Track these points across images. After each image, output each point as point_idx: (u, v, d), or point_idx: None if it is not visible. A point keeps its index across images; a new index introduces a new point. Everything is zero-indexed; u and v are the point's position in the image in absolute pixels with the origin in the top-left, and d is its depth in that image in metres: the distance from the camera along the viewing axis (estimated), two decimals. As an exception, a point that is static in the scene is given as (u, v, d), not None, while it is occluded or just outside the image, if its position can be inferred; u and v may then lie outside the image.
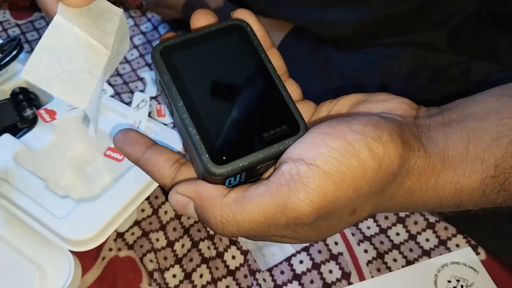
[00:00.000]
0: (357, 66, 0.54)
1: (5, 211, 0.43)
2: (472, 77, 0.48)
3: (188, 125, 0.29)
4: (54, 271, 0.42)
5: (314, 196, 0.26)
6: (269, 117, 0.30)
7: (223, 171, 0.28)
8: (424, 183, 0.29)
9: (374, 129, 0.27)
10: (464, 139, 0.29)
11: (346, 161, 0.26)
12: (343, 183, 0.26)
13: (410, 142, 0.28)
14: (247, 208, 0.27)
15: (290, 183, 0.27)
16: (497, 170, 0.29)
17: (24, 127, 0.51)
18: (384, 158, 0.27)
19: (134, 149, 0.33)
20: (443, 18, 0.51)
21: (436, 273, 0.45)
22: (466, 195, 0.30)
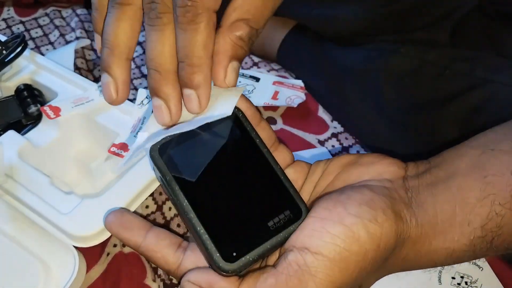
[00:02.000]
0: (359, 62, 0.54)
1: (9, 207, 0.43)
2: (476, 73, 0.48)
3: (196, 225, 0.30)
4: (58, 267, 0.42)
5: (323, 285, 0.28)
6: (272, 206, 0.31)
7: (235, 268, 0.29)
8: (418, 251, 0.31)
9: (369, 209, 0.29)
10: (451, 201, 0.31)
11: (348, 246, 0.28)
12: (348, 268, 0.28)
13: (403, 213, 0.30)
14: None
15: (298, 274, 0.28)
16: (483, 230, 0.30)
17: (29, 123, 0.51)
18: (381, 238, 0.29)
19: (133, 235, 0.33)
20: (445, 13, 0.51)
21: (440, 269, 0.45)
22: (458, 257, 0.31)
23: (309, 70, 0.61)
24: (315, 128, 0.58)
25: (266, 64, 0.65)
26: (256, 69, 0.64)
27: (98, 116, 0.50)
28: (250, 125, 0.33)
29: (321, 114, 0.59)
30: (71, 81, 0.53)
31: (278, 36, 0.65)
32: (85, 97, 0.51)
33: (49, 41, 0.69)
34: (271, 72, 0.63)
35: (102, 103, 0.51)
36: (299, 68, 0.63)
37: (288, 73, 0.64)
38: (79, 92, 0.53)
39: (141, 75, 0.64)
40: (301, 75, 0.62)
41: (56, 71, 0.54)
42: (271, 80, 0.61)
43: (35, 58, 0.56)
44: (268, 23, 0.70)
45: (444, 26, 0.51)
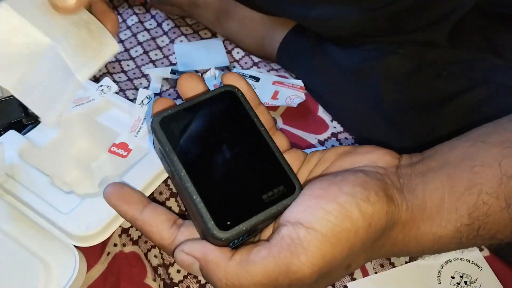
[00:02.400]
0: (358, 62, 0.54)
1: (10, 206, 0.44)
2: (474, 73, 0.48)
3: (192, 194, 0.30)
4: (59, 267, 0.43)
5: (315, 259, 0.28)
6: (266, 179, 0.32)
7: (228, 236, 0.30)
8: (406, 234, 0.32)
9: (362, 189, 0.30)
10: (440, 189, 0.32)
11: (340, 222, 0.29)
12: (339, 243, 0.29)
13: (394, 197, 0.31)
14: (251, 271, 0.29)
15: (291, 247, 0.29)
16: (470, 218, 0.31)
17: (29, 123, 0.51)
18: (373, 217, 0.29)
19: (130, 208, 0.33)
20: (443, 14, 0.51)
21: (440, 269, 0.45)
22: (444, 243, 0.32)
23: (308, 70, 0.61)
24: (315, 128, 0.58)
25: (266, 64, 0.65)
26: (256, 69, 0.64)
27: (98, 116, 0.50)
28: (249, 104, 0.34)
29: (321, 114, 0.60)
30: (72, 81, 0.54)
31: (278, 37, 0.65)
32: (86, 97, 0.51)
33: (49, 41, 0.69)
34: (271, 72, 0.64)
35: (102, 103, 0.51)
36: (298, 68, 0.63)
37: (288, 73, 0.64)
38: (79, 92, 0.53)
39: (142, 75, 0.64)
40: (301, 75, 0.62)
41: (57, 71, 0.54)
42: (271, 80, 0.61)
43: (35, 58, 0.56)
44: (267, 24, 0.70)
45: (443, 27, 0.51)
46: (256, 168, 0.32)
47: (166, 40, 0.69)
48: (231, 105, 0.34)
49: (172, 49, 0.68)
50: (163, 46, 0.68)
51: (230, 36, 0.69)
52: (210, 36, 0.71)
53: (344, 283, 0.45)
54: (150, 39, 0.69)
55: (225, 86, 0.35)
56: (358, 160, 0.34)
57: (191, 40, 0.69)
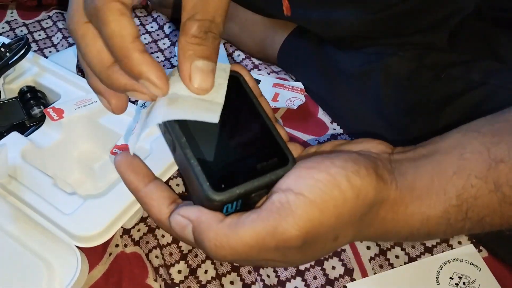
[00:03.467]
0: (358, 65, 0.55)
1: (13, 207, 0.44)
2: (473, 76, 0.48)
3: (190, 158, 0.32)
4: (61, 267, 0.43)
5: (302, 221, 0.29)
6: (261, 151, 0.34)
7: (221, 198, 0.31)
8: (395, 213, 0.32)
9: (353, 164, 0.31)
10: (430, 172, 0.32)
11: (329, 191, 0.30)
12: (327, 210, 0.29)
13: (384, 176, 0.32)
14: (240, 232, 0.29)
15: (280, 210, 0.29)
16: (459, 199, 0.32)
17: (32, 125, 0.52)
18: (361, 189, 0.30)
19: (137, 178, 0.34)
20: (443, 17, 0.52)
21: (438, 270, 0.45)
22: (433, 224, 0.32)
23: (309, 72, 0.62)
24: (314, 130, 0.58)
25: (266, 66, 0.65)
26: (256, 71, 0.65)
27: (100, 118, 0.51)
28: (250, 88, 0.36)
29: (321, 115, 0.60)
30: (74, 83, 0.54)
31: (279, 39, 0.65)
32: (88, 99, 0.51)
33: (52, 44, 0.70)
34: (271, 74, 0.64)
35: (104, 105, 0.51)
36: (299, 71, 0.63)
37: (288, 75, 0.64)
38: (81, 94, 0.53)
39: (143, 77, 0.65)
40: (301, 77, 0.63)
41: (59, 73, 0.55)
42: (271, 82, 0.62)
43: (38, 60, 0.57)
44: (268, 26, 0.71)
45: (443, 30, 0.52)
46: (253, 140, 0.34)
47: (168, 42, 0.70)
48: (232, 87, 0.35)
49: (174, 52, 0.68)
50: (164, 49, 0.69)
51: (230, 39, 0.70)
52: (211, 38, 0.71)
53: (343, 284, 0.45)
54: (152, 41, 0.70)
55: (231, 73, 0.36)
56: (353, 147, 0.35)
57: (192, 42, 0.70)
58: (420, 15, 0.52)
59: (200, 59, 0.32)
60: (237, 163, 0.33)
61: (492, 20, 0.53)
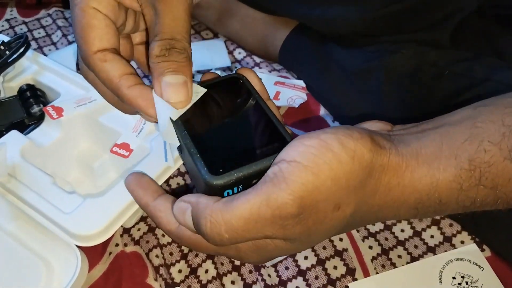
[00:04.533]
0: (360, 63, 0.54)
1: (12, 206, 0.44)
2: (475, 73, 0.48)
3: (190, 147, 0.33)
4: (61, 266, 0.43)
5: (295, 186, 0.28)
6: (261, 138, 0.35)
7: (220, 181, 0.31)
8: (400, 178, 0.31)
9: (345, 129, 0.30)
10: (437, 140, 0.31)
11: (321, 154, 0.29)
12: (321, 173, 0.29)
13: (381, 142, 0.31)
14: (233, 205, 0.29)
15: (273, 179, 0.29)
16: (471, 165, 0.30)
17: (31, 123, 0.51)
18: (356, 151, 0.29)
19: (146, 194, 0.36)
20: (446, 15, 0.51)
21: (441, 269, 0.45)
22: (444, 189, 0.31)
23: (310, 70, 0.61)
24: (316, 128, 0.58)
25: (267, 64, 0.65)
26: (257, 69, 0.65)
27: (100, 116, 0.50)
28: (254, 88, 0.37)
29: (323, 114, 0.60)
30: (74, 82, 0.54)
31: (280, 37, 0.65)
32: (88, 97, 0.51)
33: (51, 42, 0.70)
34: (273, 73, 0.64)
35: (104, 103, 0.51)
36: (300, 69, 0.63)
37: (290, 73, 0.64)
38: (81, 92, 0.53)
39: (143, 75, 0.64)
40: (303, 75, 0.63)
41: (59, 71, 0.55)
42: (272, 80, 0.61)
43: (37, 58, 0.56)
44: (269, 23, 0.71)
45: (445, 27, 0.51)
46: (253, 129, 0.35)
47: (168, 40, 0.69)
48: (236, 87, 0.37)
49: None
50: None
51: (232, 36, 0.69)
52: (212, 36, 0.71)
53: (345, 283, 0.45)
54: (152, 39, 0.69)
55: (232, 73, 0.38)
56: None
57: (193, 40, 0.69)
58: (422, 13, 0.51)
59: (168, 74, 0.33)
60: (235, 148, 0.34)
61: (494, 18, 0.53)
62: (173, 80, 0.33)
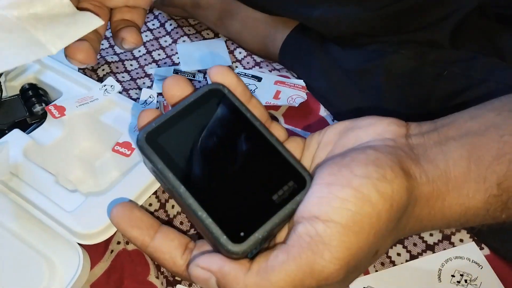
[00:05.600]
0: (360, 62, 0.54)
1: (15, 205, 0.44)
2: (475, 73, 0.48)
3: (197, 210, 0.28)
4: (63, 264, 0.43)
5: (339, 253, 0.26)
6: (273, 178, 0.29)
7: (245, 248, 0.27)
8: (431, 208, 0.29)
9: (376, 168, 0.27)
10: (465, 157, 0.29)
11: (359, 209, 0.26)
12: (363, 231, 0.26)
13: (411, 170, 0.28)
14: (272, 279, 0.26)
15: (311, 245, 0.26)
16: (500, 189, 0.29)
17: (34, 122, 0.52)
18: (394, 196, 0.27)
19: (141, 234, 0.31)
20: (445, 14, 0.51)
21: (440, 267, 0.45)
22: (471, 215, 0.30)
23: (310, 70, 0.61)
24: (316, 127, 0.58)
25: (268, 64, 0.65)
26: (258, 69, 0.65)
27: (102, 115, 0.51)
28: (239, 100, 0.31)
29: (322, 113, 0.60)
30: (76, 81, 0.54)
31: (280, 36, 0.65)
32: (89, 96, 0.51)
33: (53, 41, 0.70)
34: (273, 72, 0.64)
35: (106, 102, 0.51)
36: (300, 68, 0.63)
37: (290, 72, 0.64)
38: (83, 91, 0.53)
39: (145, 74, 0.65)
40: (303, 74, 0.63)
41: (61, 70, 0.55)
42: (272, 79, 0.62)
43: (39, 57, 0.56)
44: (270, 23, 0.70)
45: (444, 27, 0.51)
46: (260, 168, 0.30)
47: (169, 40, 0.70)
48: (219, 105, 0.31)
49: (175, 49, 0.68)
50: (166, 46, 0.69)
51: (232, 36, 0.70)
52: (212, 36, 0.71)
53: (345, 281, 0.45)
54: (153, 39, 0.70)
55: (209, 85, 0.31)
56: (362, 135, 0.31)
57: (194, 40, 0.70)
58: (422, 12, 0.52)
59: None
60: (250, 201, 0.29)
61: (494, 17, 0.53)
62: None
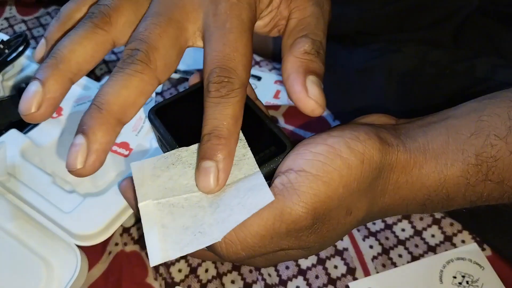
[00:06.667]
0: (361, 61, 0.54)
1: (12, 205, 0.44)
2: (477, 73, 0.48)
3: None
4: (60, 265, 0.43)
5: (307, 198, 0.28)
6: (257, 143, 0.32)
7: None
8: (409, 175, 0.30)
9: (351, 130, 0.29)
10: (443, 134, 0.30)
11: (330, 161, 0.28)
12: (332, 181, 0.28)
13: (388, 139, 0.30)
14: (247, 223, 0.28)
15: (283, 191, 0.28)
16: (478, 159, 0.30)
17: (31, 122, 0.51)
18: (365, 154, 0.29)
19: None
20: (447, 14, 0.51)
21: (442, 268, 0.45)
22: (451, 185, 0.30)
23: (310, 69, 0.61)
24: (316, 127, 0.58)
25: (267, 63, 0.65)
26: (257, 68, 0.64)
27: (100, 115, 0.50)
28: None
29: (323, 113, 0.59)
30: (73, 80, 0.54)
31: (280, 35, 0.65)
32: (87, 96, 0.51)
33: (51, 40, 0.69)
34: (273, 71, 0.63)
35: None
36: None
37: (290, 72, 0.64)
38: (80, 91, 0.53)
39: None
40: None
41: (58, 70, 0.54)
42: (272, 79, 0.61)
43: (37, 57, 0.56)
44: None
45: (446, 26, 0.51)
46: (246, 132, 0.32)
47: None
48: None
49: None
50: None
51: (231, 35, 0.69)
52: (211, 35, 0.70)
53: (346, 283, 0.45)
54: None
55: None
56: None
57: (193, 39, 0.69)
58: (424, 11, 0.51)
59: (314, 75, 0.32)
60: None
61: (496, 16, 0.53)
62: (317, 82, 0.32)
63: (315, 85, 0.32)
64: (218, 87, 0.29)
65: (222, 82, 0.29)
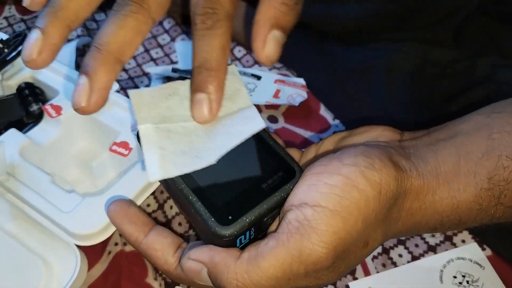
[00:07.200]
0: (361, 61, 0.54)
1: (11, 205, 0.44)
2: (477, 72, 0.48)
3: (188, 194, 0.29)
4: (60, 265, 0.42)
5: (327, 237, 0.26)
6: (263, 169, 0.31)
7: (232, 231, 0.28)
8: (422, 202, 0.30)
9: (365, 158, 0.28)
10: (454, 154, 0.30)
11: (347, 194, 0.27)
12: (351, 216, 0.27)
13: (401, 164, 0.29)
14: (261, 265, 0.27)
15: (299, 229, 0.27)
16: (490, 183, 0.29)
17: (30, 122, 0.51)
18: (382, 184, 0.28)
19: (136, 229, 0.33)
20: (448, 13, 0.51)
21: (442, 268, 0.45)
22: (464, 210, 0.30)
23: (311, 68, 0.61)
24: (316, 127, 0.58)
25: (267, 62, 0.65)
26: (257, 67, 0.64)
27: (99, 115, 0.50)
28: None
29: (323, 112, 0.59)
30: (73, 80, 0.53)
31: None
32: (87, 96, 0.51)
33: (50, 40, 0.69)
34: (273, 71, 0.63)
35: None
36: (301, 67, 0.63)
37: (290, 71, 0.64)
38: (80, 90, 0.53)
39: (143, 73, 0.64)
40: (303, 73, 0.62)
41: (58, 69, 0.54)
42: (272, 78, 0.61)
43: (36, 56, 0.56)
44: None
45: (447, 26, 0.51)
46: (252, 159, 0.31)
47: (167, 38, 0.69)
48: None
49: (173, 48, 0.68)
50: (164, 45, 0.68)
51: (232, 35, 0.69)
52: (211, 34, 0.70)
53: (346, 283, 0.44)
54: (151, 37, 0.69)
55: None
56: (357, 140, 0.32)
57: (193, 38, 0.69)
58: (424, 11, 0.51)
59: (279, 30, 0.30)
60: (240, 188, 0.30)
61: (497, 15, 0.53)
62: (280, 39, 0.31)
63: (274, 41, 0.31)
64: (203, 19, 0.29)
65: (207, 14, 0.29)
